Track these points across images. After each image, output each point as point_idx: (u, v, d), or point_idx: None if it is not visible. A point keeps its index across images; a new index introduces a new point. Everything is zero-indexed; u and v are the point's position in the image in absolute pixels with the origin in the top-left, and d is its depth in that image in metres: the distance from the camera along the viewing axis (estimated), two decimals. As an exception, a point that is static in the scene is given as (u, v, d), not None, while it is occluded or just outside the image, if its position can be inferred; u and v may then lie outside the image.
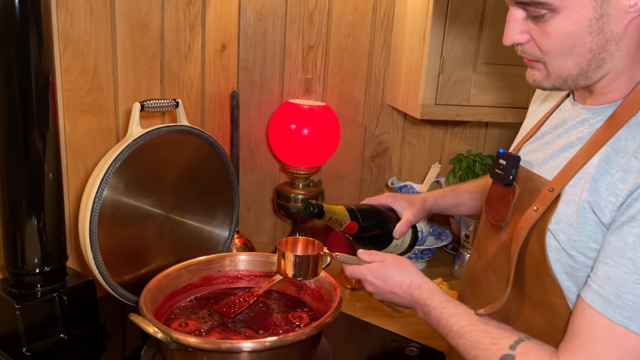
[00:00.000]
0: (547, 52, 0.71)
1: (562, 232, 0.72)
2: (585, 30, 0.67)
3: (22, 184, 0.94)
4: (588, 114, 0.76)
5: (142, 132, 1.03)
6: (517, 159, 0.81)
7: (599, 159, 0.69)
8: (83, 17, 1.10)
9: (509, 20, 0.72)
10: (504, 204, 0.83)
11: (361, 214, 1.02)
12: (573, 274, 0.72)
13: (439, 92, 1.31)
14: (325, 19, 1.53)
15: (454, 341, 0.78)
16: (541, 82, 0.74)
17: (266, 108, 1.56)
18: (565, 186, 0.72)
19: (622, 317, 0.63)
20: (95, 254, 0.98)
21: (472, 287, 0.92)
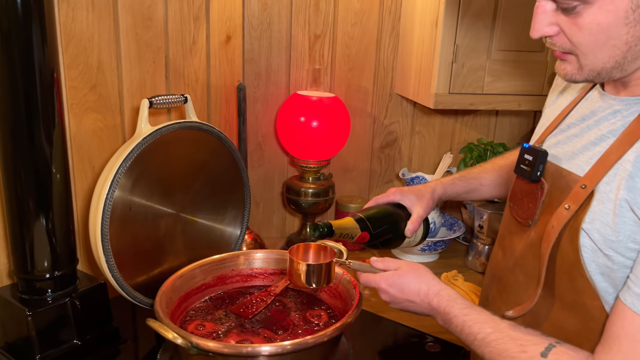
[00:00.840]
0: (579, 45, 0.67)
1: (598, 231, 0.69)
2: (620, 21, 0.63)
3: (30, 185, 0.91)
4: (620, 105, 0.72)
5: (152, 130, 0.99)
6: (544, 153, 0.78)
7: (635, 154, 0.66)
8: (85, 11, 1.05)
9: (537, 12, 0.68)
10: (530, 200, 0.80)
11: (370, 221, 0.99)
12: (610, 275, 0.69)
13: (453, 80, 1.28)
14: (332, 7, 1.49)
15: (479, 350, 0.75)
16: (573, 76, 0.71)
17: (273, 100, 1.53)
18: (599, 183, 0.69)
19: None
20: (108, 257, 0.95)
21: (497, 285, 0.89)
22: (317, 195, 1.48)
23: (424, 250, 1.51)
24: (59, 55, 0.92)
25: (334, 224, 0.96)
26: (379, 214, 1.01)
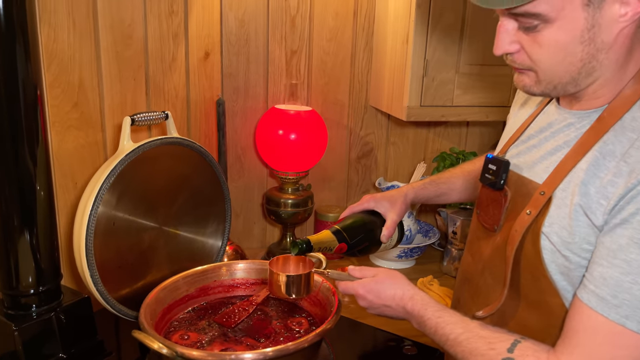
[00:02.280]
0: (538, 61, 0.72)
1: (556, 234, 0.74)
2: (577, 40, 0.69)
3: (14, 202, 0.93)
4: (574, 118, 0.78)
5: (134, 147, 1.02)
6: (507, 163, 0.84)
7: (588, 163, 0.72)
8: (66, 31, 1.08)
9: (500, 31, 0.73)
10: (495, 207, 0.85)
11: (347, 232, 1.02)
12: (568, 274, 0.75)
13: (424, 93, 1.34)
14: (307, 24, 1.54)
15: (452, 350, 0.79)
16: (531, 88, 0.76)
17: (252, 114, 1.57)
18: (556, 189, 0.74)
19: (619, 316, 0.65)
20: (92, 271, 0.98)
21: (468, 288, 0.94)
22: (297, 205, 1.52)
23: (401, 257, 1.56)
24: (42, 72, 0.94)
25: (312, 239, 0.99)
26: (355, 224, 1.05)
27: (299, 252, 0.97)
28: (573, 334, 0.69)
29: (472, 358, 0.75)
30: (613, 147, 0.70)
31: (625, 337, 0.65)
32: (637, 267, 0.64)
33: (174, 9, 1.31)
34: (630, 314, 0.65)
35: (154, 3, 1.25)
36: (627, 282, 0.65)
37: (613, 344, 0.66)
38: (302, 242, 0.97)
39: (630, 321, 0.65)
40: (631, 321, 0.65)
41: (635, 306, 0.64)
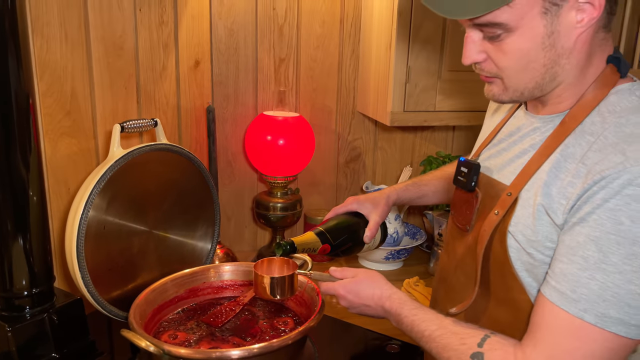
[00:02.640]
0: (504, 68, 0.76)
1: (521, 233, 0.78)
2: (538, 46, 0.73)
3: (8, 207, 0.96)
4: (539, 122, 0.82)
5: (124, 153, 1.06)
6: (477, 166, 0.88)
7: (550, 165, 0.76)
8: (59, 43, 1.12)
9: (467, 42, 0.77)
10: (468, 208, 0.89)
11: (330, 233, 1.06)
12: (533, 271, 0.78)
13: (407, 99, 1.38)
14: (295, 32, 1.59)
15: (426, 345, 0.82)
16: (500, 96, 0.80)
17: (241, 120, 1.61)
18: (522, 190, 0.78)
19: (577, 310, 0.69)
20: (84, 274, 1.01)
21: (444, 286, 0.98)
22: (285, 209, 1.56)
23: (388, 259, 1.59)
24: (34, 81, 0.97)
25: (296, 240, 1.03)
26: (338, 226, 1.09)
27: (282, 253, 1.00)
28: (537, 327, 0.73)
29: (445, 353, 0.79)
30: (573, 150, 0.74)
31: (584, 330, 0.68)
32: (593, 263, 0.68)
33: (164, 19, 1.36)
34: (588, 308, 0.68)
35: (144, 14, 1.29)
36: (584, 278, 0.68)
37: (573, 337, 0.69)
38: (286, 244, 1.01)
39: (589, 314, 0.68)
40: (589, 314, 0.68)
41: (592, 300, 0.68)
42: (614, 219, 0.66)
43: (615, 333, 0.67)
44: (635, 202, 0.65)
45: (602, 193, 0.67)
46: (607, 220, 0.67)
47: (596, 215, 0.68)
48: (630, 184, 0.66)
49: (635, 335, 0.68)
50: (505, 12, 0.70)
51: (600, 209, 0.67)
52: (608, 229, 0.67)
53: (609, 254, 0.67)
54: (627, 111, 0.73)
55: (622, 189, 0.66)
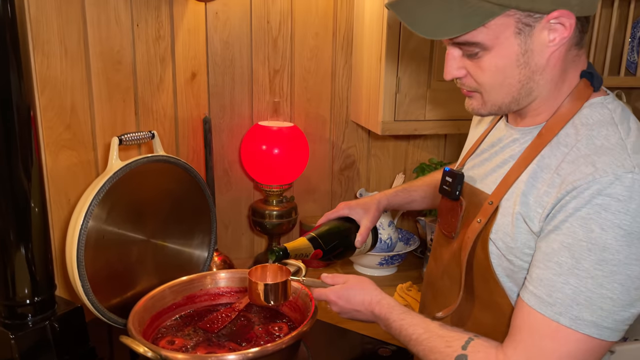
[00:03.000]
0: (482, 84, 0.80)
1: (501, 240, 0.81)
2: (513, 64, 0.77)
3: (10, 218, 0.99)
4: (518, 134, 0.86)
5: (122, 165, 1.10)
6: (461, 176, 0.91)
7: (528, 175, 0.79)
8: (59, 59, 1.16)
9: (448, 59, 0.81)
10: (453, 216, 0.93)
11: (322, 239, 1.09)
12: (513, 276, 0.82)
13: (397, 109, 1.42)
14: (289, 44, 1.63)
15: (414, 349, 0.86)
16: (479, 110, 0.84)
17: (237, 130, 1.65)
18: (502, 199, 0.82)
19: (553, 313, 0.72)
20: (84, 282, 1.05)
21: (431, 291, 1.02)
22: (281, 216, 1.59)
23: (382, 264, 1.63)
24: (34, 94, 1.01)
25: (289, 246, 1.06)
26: (330, 231, 1.12)
27: (276, 259, 1.04)
28: (517, 330, 0.76)
29: (432, 355, 0.82)
30: (549, 161, 0.78)
31: (560, 332, 0.72)
32: (567, 269, 0.71)
33: (161, 34, 1.40)
34: (563, 311, 0.71)
35: (141, 29, 1.34)
36: (559, 283, 0.72)
37: (550, 339, 0.73)
38: (278, 250, 1.04)
39: (564, 317, 0.71)
40: (564, 317, 0.71)
41: (567, 304, 0.71)
42: (586, 227, 0.70)
43: (589, 335, 0.71)
44: (604, 211, 0.69)
45: (574, 202, 0.71)
46: (579, 228, 0.70)
47: (569, 223, 0.71)
48: (600, 193, 0.69)
49: (608, 336, 0.71)
50: (481, 32, 0.74)
51: (573, 217, 0.71)
52: (580, 236, 0.70)
53: (581, 260, 0.70)
54: (599, 124, 0.76)
55: (592, 198, 0.69)
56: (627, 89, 1.81)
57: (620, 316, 0.71)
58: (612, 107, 0.79)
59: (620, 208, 0.68)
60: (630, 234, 0.68)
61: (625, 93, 1.77)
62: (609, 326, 0.71)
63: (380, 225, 1.63)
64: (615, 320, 0.71)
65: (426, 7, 0.76)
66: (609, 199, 0.69)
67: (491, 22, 0.73)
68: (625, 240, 0.68)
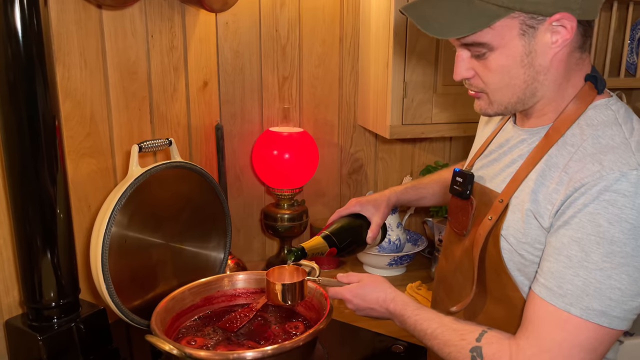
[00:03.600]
0: (489, 84, 0.84)
1: (512, 236, 0.85)
2: (518, 64, 0.81)
3: (37, 224, 1.03)
4: (526, 135, 0.90)
5: (142, 171, 1.14)
6: (471, 176, 0.95)
7: (536, 174, 0.83)
8: (79, 70, 1.20)
9: (457, 60, 0.86)
10: (464, 215, 0.97)
11: (336, 237, 1.13)
12: (524, 270, 0.86)
13: (405, 113, 1.46)
14: (297, 52, 1.67)
15: (429, 343, 0.89)
16: (486, 110, 0.88)
17: (248, 136, 1.69)
18: (512, 197, 0.86)
19: (564, 304, 0.76)
20: (108, 285, 1.09)
21: (444, 287, 1.05)
22: (292, 220, 1.63)
23: (392, 265, 1.66)
24: (59, 105, 1.05)
25: (306, 246, 1.10)
26: (343, 229, 1.16)
27: (294, 259, 1.08)
28: (529, 322, 0.80)
29: (447, 348, 0.86)
30: (557, 160, 0.82)
31: (570, 322, 0.75)
32: (577, 261, 0.75)
33: (174, 44, 1.44)
34: (573, 302, 0.75)
35: (156, 41, 1.38)
36: (569, 275, 0.76)
37: (561, 329, 0.76)
38: (296, 250, 1.08)
39: (574, 308, 0.75)
40: (575, 308, 0.75)
41: (577, 295, 0.75)
42: (594, 221, 0.74)
43: (598, 324, 0.74)
44: (612, 206, 0.73)
45: (583, 199, 0.75)
46: (587, 223, 0.74)
47: (578, 218, 0.75)
48: (607, 190, 0.73)
49: (617, 325, 0.75)
50: (487, 33, 0.79)
51: (581, 213, 0.75)
52: (589, 230, 0.74)
53: (590, 253, 0.74)
54: (603, 124, 0.80)
55: (600, 194, 0.73)
56: (628, 90, 1.85)
57: (628, 306, 0.74)
58: (615, 109, 0.82)
59: (626, 203, 0.72)
60: (636, 227, 0.72)
61: (625, 94, 1.81)
62: (618, 315, 0.74)
63: (389, 226, 1.67)
64: (623, 309, 0.74)
65: (437, 10, 0.81)
66: (615, 195, 0.73)
67: (497, 24, 0.77)
68: (632, 233, 0.72)
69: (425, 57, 1.44)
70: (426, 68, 1.45)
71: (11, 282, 1.13)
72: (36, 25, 0.96)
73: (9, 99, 0.96)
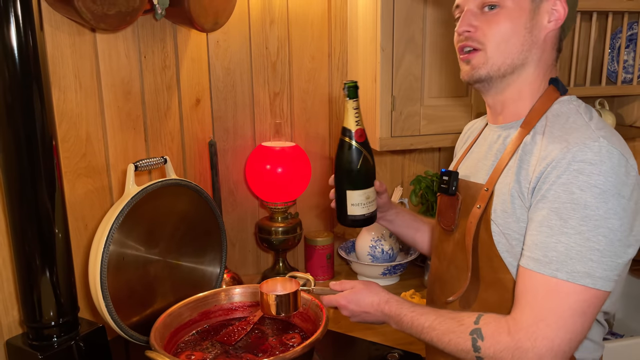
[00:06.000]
0: (491, 37, 0.91)
1: (500, 218, 0.91)
2: (522, 25, 0.90)
3: (35, 243, 1.04)
4: (500, 130, 0.99)
5: (139, 190, 1.16)
6: (456, 173, 1.02)
7: (516, 160, 0.91)
8: (74, 93, 1.23)
9: (465, 15, 0.93)
10: (451, 210, 1.02)
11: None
12: (511, 251, 0.91)
13: (393, 126, 1.50)
14: (287, 68, 1.71)
15: (428, 335, 0.92)
16: (478, 70, 0.93)
17: (241, 151, 1.72)
18: (495, 184, 0.93)
19: (551, 270, 0.81)
20: (107, 303, 1.10)
21: (439, 284, 1.09)
22: (287, 232, 1.66)
23: (385, 274, 1.69)
24: (56, 125, 1.07)
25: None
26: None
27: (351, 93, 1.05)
28: (521, 295, 0.85)
29: (446, 336, 0.89)
30: (531, 147, 0.90)
31: (559, 287, 0.81)
32: (557, 229, 0.81)
33: (167, 63, 1.47)
34: (559, 267, 0.81)
35: (148, 60, 1.41)
36: (552, 243, 0.81)
37: (553, 295, 0.81)
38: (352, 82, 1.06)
39: (561, 272, 0.81)
40: (561, 272, 0.81)
41: (561, 260, 0.81)
42: (567, 190, 0.81)
43: (584, 285, 0.80)
44: (581, 174, 0.80)
45: (555, 172, 0.82)
46: (562, 192, 0.81)
47: (553, 190, 0.82)
48: (574, 160, 0.81)
49: (601, 286, 0.80)
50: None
51: (555, 184, 0.82)
52: (564, 199, 0.81)
53: (568, 219, 0.80)
54: (566, 114, 0.90)
55: (569, 165, 0.81)
56: (610, 97, 1.90)
57: (608, 265, 0.80)
58: (576, 104, 0.93)
59: (593, 170, 0.80)
60: (604, 192, 0.79)
61: (607, 101, 1.86)
62: (601, 276, 0.80)
63: (381, 236, 1.70)
64: (604, 269, 0.80)
65: None
66: (582, 164, 0.80)
67: None
68: (602, 197, 0.79)
69: (412, 72, 1.48)
70: (413, 82, 1.49)
71: (11, 302, 1.15)
72: (32, 48, 0.99)
73: (6, 120, 0.98)
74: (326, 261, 1.76)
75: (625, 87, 1.76)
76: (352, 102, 1.06)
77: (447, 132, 1.55)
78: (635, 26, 1.78)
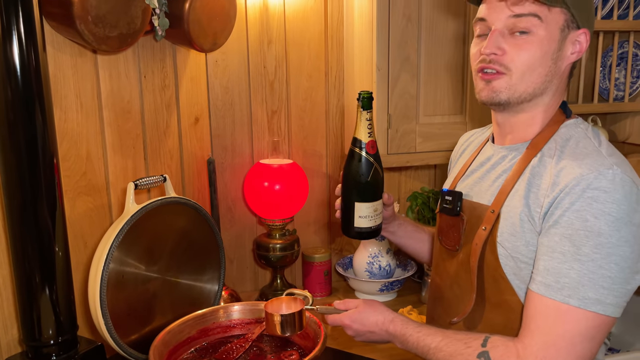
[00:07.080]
0: (518, 63, 0.89)
1: (507, 241, 0.91)
2: (549, 54, 0.89)
3: (35, 261, 1.05)
4: (506, 151, 0.99)
5: (138, 208, 1.18)
6: (460, 194, 1.02)
7: (524, 183, 0.91)
8: (75, 112, 1.25)
9: (493, 35, 0.90)
10: (455, 231, 1.02)
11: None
12: (519, 274, 0.91)
13: (390, 143, 1.52)
14: (285, 87, 1.74)
15: (434, 357, 0.92)
16: (499, 92, 0.91)
17: (239, 169, 1.74)
18: (502, 207, 0.93)
19: (563, 296, 0.82)
20: (107, 321, 1.11)
21: (440, 304, 1.09)
22: (284, 249, 1.67)
23: (383, 290, 1.70)
24: (57, 144, 1.09)
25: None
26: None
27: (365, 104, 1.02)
28: (531, 319, 0.85)
29: (454, 358, 0.89)
30: (539, 170, 0.90)
31: (570, 313, 0.81)
32: (570, 256, 0.82)
33: (166, 83, 1.50)
34: (571, 293, 0.81)
35: (148, 80, 1.44)
36: (564, 269, 0.82)
37: (563, 321, 0.82)
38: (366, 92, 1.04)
39: (573, 299, 0.81)
40: (573, 299, 0.81)
41: (573, 287, 0.81)
42: (581, 217, 0.81)
43: (595, 312, 0.80)
44: (595, 202, 0.80)
45: (568, 198, 0.82)
46: (575, 219, 0.82)
47: (566, 217, 0.82)
48: (589, 188, 0.81)
49: (611, 312, 0.81)
50: (543, 11, 0.87)
51: (569, 211, 0.82)
52: (577, 226, 0.81)
53: (581, 246, 0.81)
54: (575, 138, 0.91)
55: (583, 192, 0.81)
56: (602, 115, 1.93)
57: (619, 292, 0.81)
58: (583, 127, 0.94)
59: (607, 198, 0.80)
60: (617, 219, 0.80)
61: (600, 118, 1.89)
62: (611, 302, 0.80)
63: (379, 253, 1.71)
64: (615, 296, 0.80)
65: None
66: (597, 192, 0.80)
67: (554, 9, 0.87)
68: (615, 225, 0.80)
69: (407, 91, 1.51)
70: (408, 101, 1.52)
71: (10, 321, 1.15)
72: (35, 69, 1.01)
73: (9, 139, 1.00)
74: (324, 277, 1.77)
75: (617, 104, 1.80)
76: (365, 113, 1.04)
77: (443, 150, 1.57)
78: (625, 45, 1.82)
